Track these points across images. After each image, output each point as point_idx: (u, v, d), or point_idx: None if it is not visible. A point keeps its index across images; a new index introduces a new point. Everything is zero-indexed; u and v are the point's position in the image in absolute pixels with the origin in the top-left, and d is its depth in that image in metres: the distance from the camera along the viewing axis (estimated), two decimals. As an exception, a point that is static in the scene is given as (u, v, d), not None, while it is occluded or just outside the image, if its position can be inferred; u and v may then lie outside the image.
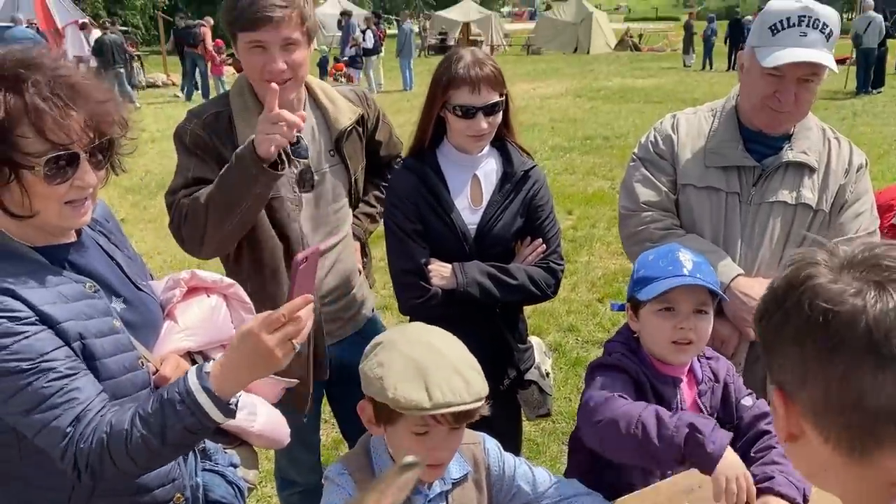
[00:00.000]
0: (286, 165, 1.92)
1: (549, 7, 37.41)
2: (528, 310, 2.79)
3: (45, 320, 1.31)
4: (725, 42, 22.28)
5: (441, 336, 1.50)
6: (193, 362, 1.59)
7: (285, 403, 2.23)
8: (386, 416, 1.43)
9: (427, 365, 1.38)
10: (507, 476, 1.62)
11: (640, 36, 35.14)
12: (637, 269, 1.76)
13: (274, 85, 1.88)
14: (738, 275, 2.01)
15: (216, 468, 1.73)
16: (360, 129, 2.33)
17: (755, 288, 1.99)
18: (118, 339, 1.43)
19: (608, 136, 11.85)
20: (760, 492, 1.56)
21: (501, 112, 2.14)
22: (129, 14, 33.45)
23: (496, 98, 2.09)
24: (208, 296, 1.71)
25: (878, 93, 15.61)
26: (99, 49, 16.33)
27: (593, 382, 1.71)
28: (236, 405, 1.34)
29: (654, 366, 1.74)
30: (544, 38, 32.07)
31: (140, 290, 1.56)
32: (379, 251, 2.42)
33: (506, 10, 73.05)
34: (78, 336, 1.35)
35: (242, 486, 1.78)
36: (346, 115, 2.24)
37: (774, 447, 1.67)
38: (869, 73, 15.96)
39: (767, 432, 1.72)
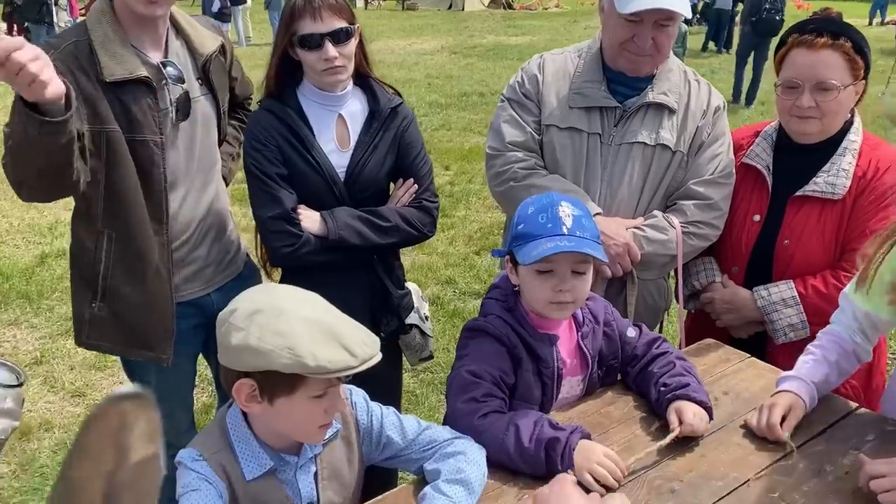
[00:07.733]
0: (72, 107, 1.66)
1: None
2: (406, 263, 2.74)
3: None
4: None
5: (313, 293, 1.40)
6: None
7: (146, 352, 2.07)
8: (280, 390, 1.31)
9: (332, 324, 1.29)
10: (376, 428, 1.55)
11: (514, -6, 35.45)
12: (517, 221, 1.66)
13: None
14: (597, 214, 2.02)
15: None
16: (223, 59, 2.18)
17: (612, 227, 2.02)
18: None
19: (484, 92, 11.91)
20: (676, 398, 1.66)
21: (354, 42, 2.02)
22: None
23: (342, 24, 1.96)
24: None
25: (729, 53, 16.54)
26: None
27: (463, 354, 1.69)
28: None
29: (532, 324, 1.71)
30: (419, -7, 31.71)
31: None
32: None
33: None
34: None
35: None
36: (209, 40, 2.09)
37: (676, 362, 1.75)
38: (721, 34, 17.00)
39: (665, 352, 1.80)
